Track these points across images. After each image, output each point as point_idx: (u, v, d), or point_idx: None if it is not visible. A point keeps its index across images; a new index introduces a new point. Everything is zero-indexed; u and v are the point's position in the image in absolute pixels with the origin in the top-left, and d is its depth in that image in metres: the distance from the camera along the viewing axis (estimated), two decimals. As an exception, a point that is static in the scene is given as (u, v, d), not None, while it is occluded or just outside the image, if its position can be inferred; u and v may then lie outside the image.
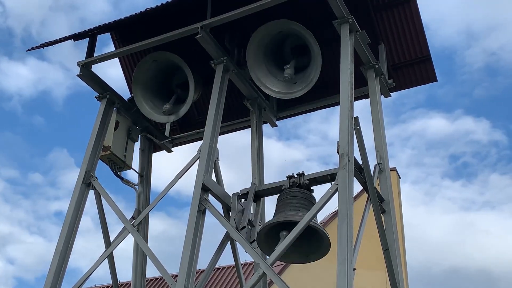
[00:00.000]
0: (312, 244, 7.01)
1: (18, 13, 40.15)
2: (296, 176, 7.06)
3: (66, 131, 44.62)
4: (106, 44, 8.56)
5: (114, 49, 9.22)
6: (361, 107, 8.89)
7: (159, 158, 9.77)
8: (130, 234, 7.58)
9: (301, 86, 7.89)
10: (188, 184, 7.68)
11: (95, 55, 8.39)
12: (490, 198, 49.21)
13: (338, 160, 6.47)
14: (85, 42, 8.50)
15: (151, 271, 10.94)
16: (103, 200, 7.98)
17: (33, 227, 44.75)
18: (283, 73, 7.85)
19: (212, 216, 6.93)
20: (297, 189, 6.92)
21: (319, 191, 7.27)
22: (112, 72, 8.52)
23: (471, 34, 45.15)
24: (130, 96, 9.25)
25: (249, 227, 7.19)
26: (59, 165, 44.78)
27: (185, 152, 10.23)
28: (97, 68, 8.43)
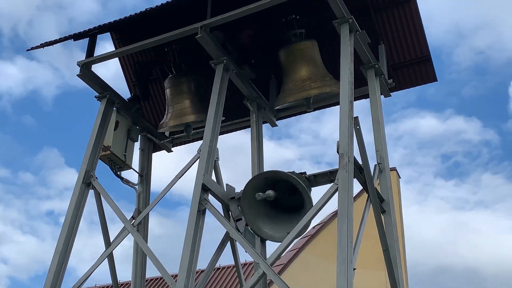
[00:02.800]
0: None
1: (6, 13, 40.18)
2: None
3: (56, 131, 44.72)
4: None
5: (113, 49, 9.23)
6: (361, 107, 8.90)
7: (159, 158, 9.78)
8: (130, 234, 7.58)
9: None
10: (181, 183, 7.71)
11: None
12: (483, 198, 49.37)
13: (330, 159, 6.54)
14: (73, 41, 8.49)
15: (151, 271, 10.94)
16: (103, 200, 7.98)
17: (25, 226, 44.81)
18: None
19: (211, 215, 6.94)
20: None
21: (319, 191, 7.29)
22: (100, 71, 8.50)
23: (459, 33, 45.20)
24: (130, 96, 9.25)
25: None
26: (49, 164, 44.85)
27: (185, 152, 10.23)
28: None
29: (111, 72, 9.90)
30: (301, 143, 37.94)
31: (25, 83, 43.23)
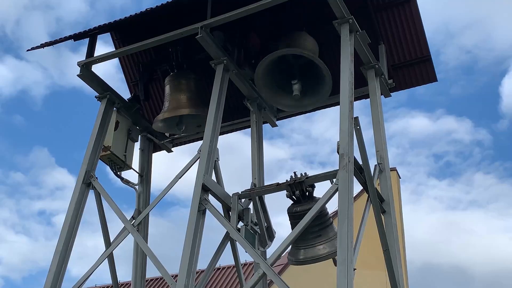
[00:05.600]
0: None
1: (-7, 12, 40.15)
2: (297, 182, 7.08)
3: (46, 131, 44.74)
4: (83, 43, 8.53)
5: (114, 49, 9.23)
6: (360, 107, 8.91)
7: (159, 158, 9.78)
8: (130, 234, 7.58)
9: (312, 100, 8.19)
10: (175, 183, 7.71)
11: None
12: (476, 197, 49.45)
13: (323, 159, 6.56)
14: (73, 41, 8.48)
15: (151, 271, 10.95)
16: (103, 200, 7.98)
17: (17, 226, 44.79)
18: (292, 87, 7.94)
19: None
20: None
21: (319, 191, 7.29)
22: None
23: (448, 32, 45.14)
24: (130, 96, 9.25)
25: (255, 231, 7.33)
26: (40, 164, 44.89)
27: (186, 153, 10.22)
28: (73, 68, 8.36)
29: (100, 72, 9.84)
30: (293, 143, 37.99)
31: (14, 82, 43.23)
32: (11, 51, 42.70)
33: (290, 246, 7.43)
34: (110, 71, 9.78)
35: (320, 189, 7.06)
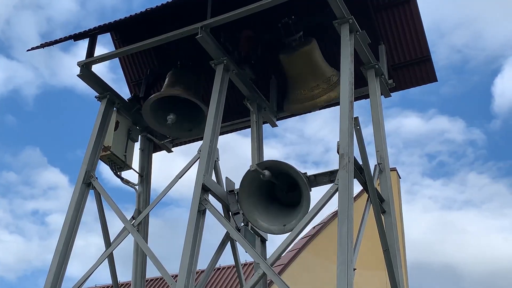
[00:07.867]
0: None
1: (-16, 12, 40.09)
2: None
3: (38, 130, 44.70)
4: (77, 43, 8.47)
5: (114, 49, 9.23)
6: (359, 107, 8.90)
7: (159, 158, 9.78)
8: (130, 234, 7.59)
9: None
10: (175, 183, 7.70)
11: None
12: (470, 197, 49.43)
13: (316, 159, 6.57)
14: (73, 41, 8.48)
15: (151, 271, 10.95)
16: (103, 200, 7.99)
17: (11, 226, 44.74)
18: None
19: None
20: None
21: (319, 191, 7.29)
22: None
23: (438, 31, 45.09)
24: (130, 96, 9.25)
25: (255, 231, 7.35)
26: (32, 164, 44.86)
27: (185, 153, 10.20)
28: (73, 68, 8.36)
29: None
30: (286, 142, 37.94)
31: (6, 82, 43.17)
32: (2, 51, 42.65)
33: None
34: (101, 71, 9.78)
35: (320, 189, 7.06)
